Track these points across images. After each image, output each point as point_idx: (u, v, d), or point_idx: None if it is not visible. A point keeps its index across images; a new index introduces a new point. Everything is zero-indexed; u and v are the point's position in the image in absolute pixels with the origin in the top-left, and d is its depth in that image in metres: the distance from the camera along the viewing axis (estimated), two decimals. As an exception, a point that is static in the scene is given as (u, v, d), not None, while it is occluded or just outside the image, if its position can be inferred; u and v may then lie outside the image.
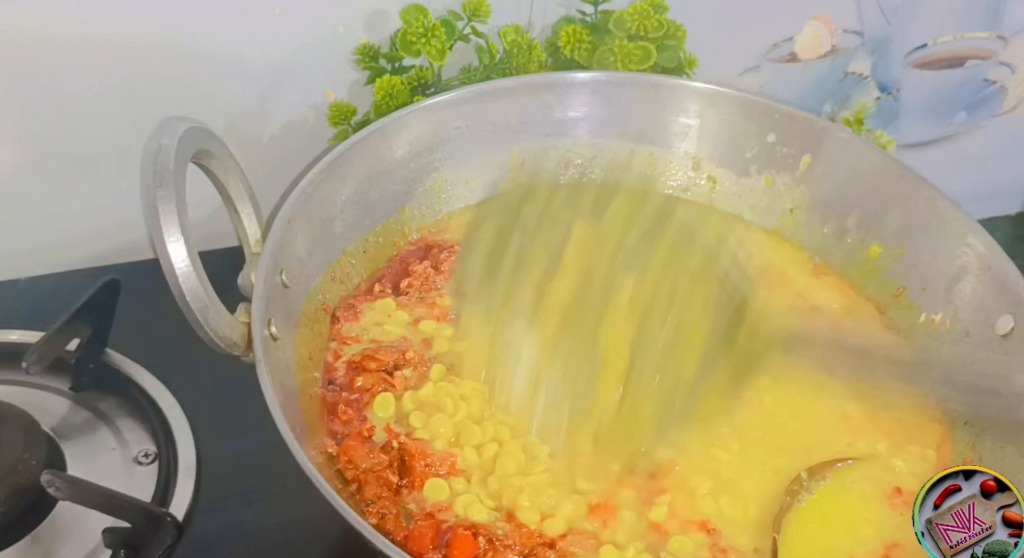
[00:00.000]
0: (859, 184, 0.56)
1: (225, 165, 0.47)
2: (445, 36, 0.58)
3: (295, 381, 0.45)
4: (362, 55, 0.59)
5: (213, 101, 0.56)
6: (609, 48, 0.60)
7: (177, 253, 0.40)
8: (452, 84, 0.61)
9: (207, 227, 0.50)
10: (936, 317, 0.52)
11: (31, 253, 0.60)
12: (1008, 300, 0.48)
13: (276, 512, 0.49)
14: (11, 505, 0.46)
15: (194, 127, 0.44)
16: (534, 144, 0.58)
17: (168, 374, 0.54)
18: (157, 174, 0.40)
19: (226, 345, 0.42)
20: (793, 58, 0.70)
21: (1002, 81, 0.77)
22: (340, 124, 0.60)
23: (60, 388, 0.54)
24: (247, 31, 0.57)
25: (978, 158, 0.79)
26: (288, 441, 0.38)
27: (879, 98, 0.74)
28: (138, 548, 0.46)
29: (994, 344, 0.48)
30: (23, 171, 0.58)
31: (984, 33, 0.73)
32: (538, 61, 0.60)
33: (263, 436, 0.39)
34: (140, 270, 0.56)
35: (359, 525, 0.37)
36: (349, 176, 0.51)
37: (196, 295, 0.40)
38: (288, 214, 0.47)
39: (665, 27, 0.60)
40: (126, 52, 0.55)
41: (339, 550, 0.49)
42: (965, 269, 0.51)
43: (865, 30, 0.70)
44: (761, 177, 0.59)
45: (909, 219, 0.54)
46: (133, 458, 0.51)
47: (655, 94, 0.58)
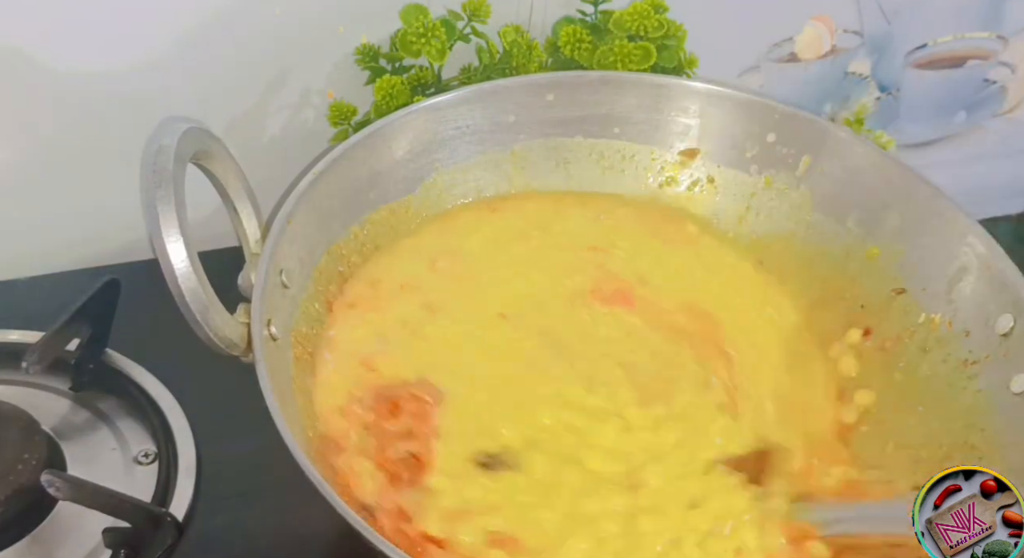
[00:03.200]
0: (859, 183, 0.56)
1: (225, 165, 0.47)
2: (445, 36, 0.58)
3: (294, 381, 0.45)
4: (362, 55, 0.60)
5: (213, 102, 0.57)
6: (609, 48, 0.60)
7: (177, 253, 0.40)
8: (452, 84, 0.61)
9: (207, 228, 0.50)
10: (936, 317, 0.51)
11: (31, 253, 0.60)
12: (1008, 300, 0.48)
13: (275, 512, 0.50)
14: (11, 505, 0.46)
15: (194, 128, 0.44)
16: (534, 144, 0.58)
17: (168, 374, 0.54)
18: (157, 174, 0.41)
19: (226, 345, 0.42)
20: (793, 58, 0.70)
21: (1002, 81, 0.77)
22: (340, 124, 0.60)
23: (60, 388, 0.54)
24: (247, 32, 0.57)
25: (978, 158, 0.80)
26: (287, 441, 0.38)
27: (879, 98, 0.75)
28: (138, 548, 0.46)
29: (994, 343, 0.48)
30: (23, 172, 0.58)
31: (984, 33, 0.74)
32: (538, 61, 0.61)
33: (263, 436, 0.39)
34: (140, 270, 0.56)
35: (358, 524, 0.37)
36: (349, 176, 0.52)
37: (196, 295, 0.40)
38: (288, 214, 0.47)
39: (665, 27, 0.60)
40: (127, 53, 0.55)
41: (338, 549, 0.49)
42: (965, 269, 0.51)
43: (865, 30, 0.71)
44: (761, 177, 0.59)
45: (909, 219, 0.53)
46: (133, 458, 0.51)
47: (655, 94, 0.58)
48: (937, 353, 0.51)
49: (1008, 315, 0.48)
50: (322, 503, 0.37)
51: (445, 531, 0.41)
